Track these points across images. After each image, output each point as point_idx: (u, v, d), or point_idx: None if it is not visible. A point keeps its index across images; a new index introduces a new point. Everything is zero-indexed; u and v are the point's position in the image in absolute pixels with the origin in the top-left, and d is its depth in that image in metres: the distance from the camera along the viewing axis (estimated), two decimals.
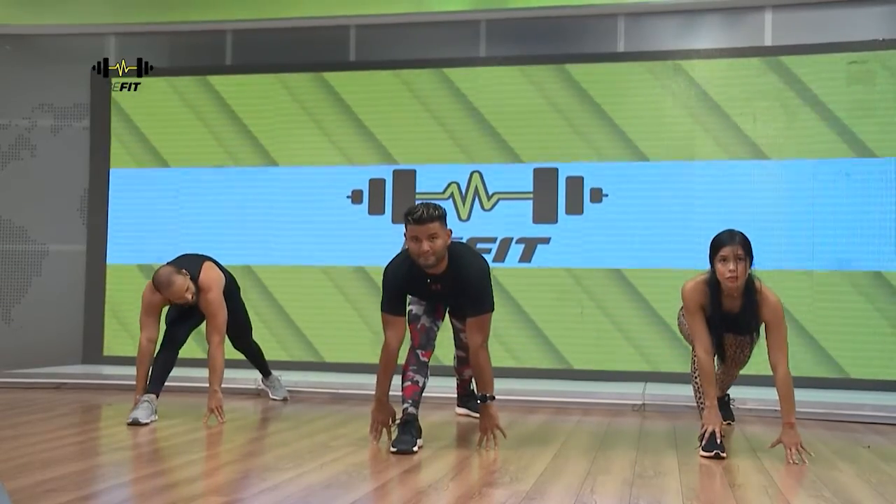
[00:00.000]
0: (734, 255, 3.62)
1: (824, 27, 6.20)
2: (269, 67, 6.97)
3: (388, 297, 3.84)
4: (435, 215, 3.62)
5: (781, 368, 3.63)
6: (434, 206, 3.66)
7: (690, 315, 3.82)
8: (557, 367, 6.32)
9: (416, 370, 3.86)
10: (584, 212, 6.40)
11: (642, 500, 2.85)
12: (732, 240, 3.65)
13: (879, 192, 5.97)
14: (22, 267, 7.21)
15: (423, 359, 3.90)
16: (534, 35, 6.69)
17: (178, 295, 4.39)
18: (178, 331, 4.60)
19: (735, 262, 3.61)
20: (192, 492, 2.86)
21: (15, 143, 7.26)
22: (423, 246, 3.62)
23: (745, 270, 3.64)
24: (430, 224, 3.60)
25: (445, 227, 3.68)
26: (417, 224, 3.60)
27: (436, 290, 3.82)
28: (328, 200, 6.77)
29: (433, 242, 3.62)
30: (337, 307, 6.67)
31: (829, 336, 5.98)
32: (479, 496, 2.85)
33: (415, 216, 3.62)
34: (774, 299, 3.70)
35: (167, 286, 4.36)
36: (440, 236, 3.64)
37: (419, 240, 3.62)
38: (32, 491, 2.77)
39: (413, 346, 3.92)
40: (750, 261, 3.65)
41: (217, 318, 4.50)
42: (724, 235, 3.70)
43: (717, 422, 3.69)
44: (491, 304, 3.80)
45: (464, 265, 3.75)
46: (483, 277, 3.79)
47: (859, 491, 3.04)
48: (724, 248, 3.64)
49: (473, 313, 3.78)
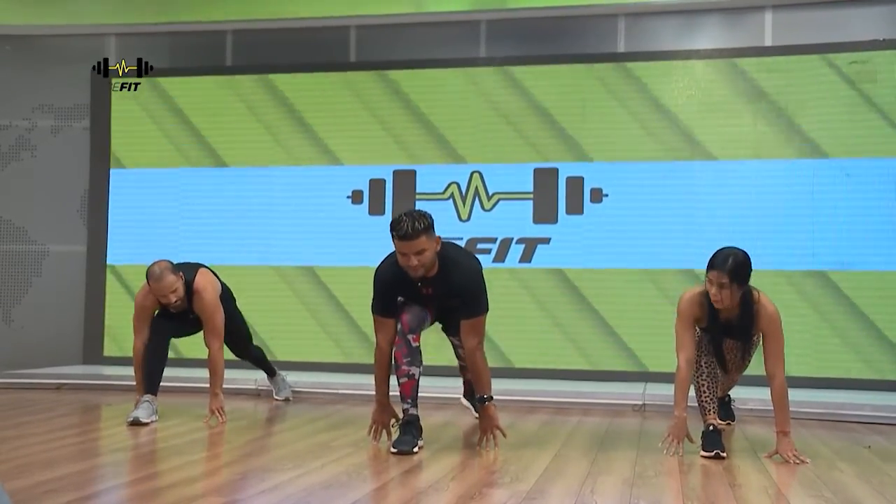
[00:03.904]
0: (718, 281, 3.59)
1: (824, 27, 6.20)
2: (270, 68, 6.96)
3: (378, 298, 3.78)
4: (420, 229, 3.49)
5: (778, 378, 3.62)
6: (419, 217, 3.53)
7: (681, 323, 3.79)
8: (557, 368, 6.32)
9: (410, 361, 3.75)
10: (584, 212, 6.40)
11: (643, 500, 2.85)
12: (721, 266, 3.58)
13: (880, 192, 5.97)
14: (22, 267, 7.21)
15: (415, 344, 3.76)
16: (534, 35, 6.69)
17: (165, 291, 4.34)
18: (164, 325, 4.51)
19: (718, 289, 3.59)
20: (192, 492, 2.86)
21: (15, 143, 7.26)
22: (411, 261, 3.54)
23: (732, 295, 3.60)
24: (415, 240, 3.50)
25: (433, 236, 3.58)
26: (403, 241, 3.51)
27: (427, 293, 3.76)
28: (328, 201, 6.77)
29: (421, 256, 3.53)
30: (337, 307, 6.66)
31: (829, 335, 5.97)
32: (480, 496, 2.85)
33: (400, 233, 3.50)
34: (772, 309, 3.68)
35: (157, 279, 4.34)
36: (428, 248, 3.54)
37: (406, 255, 3.54)
38: (33, 491, 2.77)
39: (403, 331, 3.76)
40: (740, 284, 3.59)
41: (214, 319, 4.48)
42: (717, 258, 3.63)
43: (680, 434, 3.68)
44: (485, 306, 3.74)
45: (455, 269, 3.67)
46: (476, 279, 3.71)
47: (859, 491, 3.04)
48: (711, 273, 3.61)
49: (467, 316, 3.71)
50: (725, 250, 3.66)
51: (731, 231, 6.07)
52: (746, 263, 3.62)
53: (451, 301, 3.78)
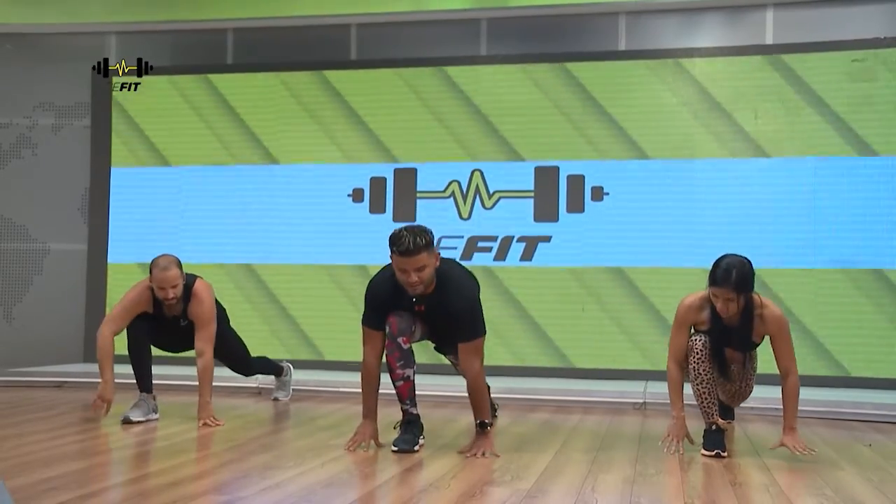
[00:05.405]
0: (724, 297, 3.54)
1: (826, 25, 6.20)
2: (270, 66, 6.97)
3: (369, 310, 3.72)
4: (421, 245, 3.43)
5: (793, 376, 3.60)
6: (420, 233, 3.46)
7: (676, 327, 3.77)
8: (558, 366, 6.32)
9: (403, 364, 3.69)
10: (585, 210, 6.39)
11: (644, 498, 2.85)
12: (725, 282, 3.51)
13: (881, 190, 5.96)
14: (23, 266, 7.21)
15: (406, 346, 3.67)
16: (535, 33, 6.69)
17: (167, 283, 4.28)
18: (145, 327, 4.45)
19: (725, 303, 3.55)
20: (194, 490, 2.86)
21: (16, 141, 7.26)
22: (410, 277, 3.48)
23: (738, 306, 3.56)
24: (416, 256, 3.43)
25: (433, 252, 3.52)
26: (403, 257, 3.45)
27: (419, 311, 3.69)
28: (329, 199, 6.77)
29: (421, 272, 3.47)
30: (338, 306, 6.66)
31: (830, 334, 5.97)
32: (481, 495, 2.85)
33: (400, 249, 3.43)
34: (778, 313, 3.64)
35: (163, 269, 4.29)
36: (428, 265, 3.49)
37: (406, 271, 3.48)
38: (34, 489, 2.77)
39: (392, 335, 3.66)
40: (746, 294, 3.55)
41: (209, 327, 4.41)
42: (719, 273, 3.54)
43: (680, 433, 3.68)
44: (482, 329, 3.66)
45: (451, 289, 3.60)
46: (472, 306, 3.63)
47: (860, 489, 3.04)
48: (716, 289, 3.55)
49: (464, 339, 3.63)
50: (725, 262, 3.57)
51: (732, 229, 6.09)
52: (749, 272, 3.56)
53: (444, 321, 3.69)
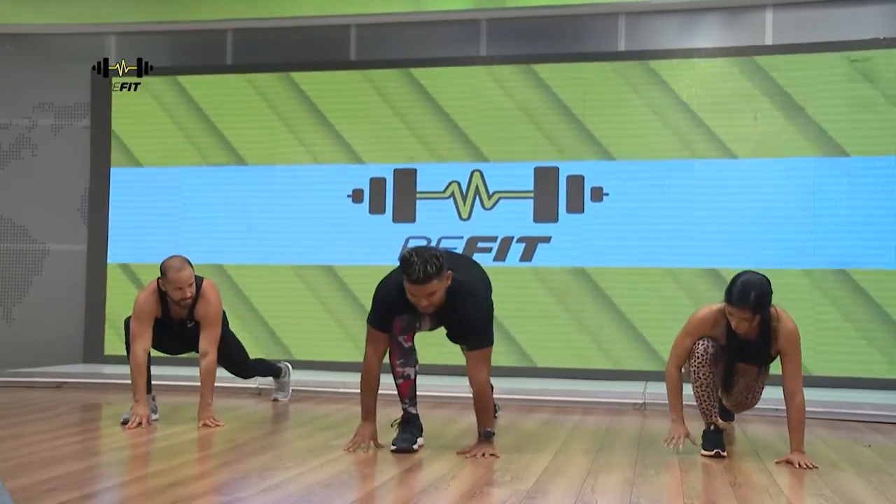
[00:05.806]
0: (740, 317, 3.48)
1: (825, 26, 6.20)
2: (270, 66, 6.96)
3: (376, 311, 3.72)
4: (433, 273, 3.41)
5: (798, 397, 3.54)
6: (431, 259, 3.43)
7: (683, 335, 3.73)
8: (558, 366, 6.31)
9: (404, 362, 3.71)
10: (584, 210, 6.40)
11: (643, 498, 2.85)
12: (742, 302, 3.44)
13: (880, 190, 5.96)
14: (23, 266, 7.21)
15: (407, 345, 3.70)
16: (534, 34, 6.69)
17: (184, 283, 4.24)
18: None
19: (739, 322, 3.49)
20: (193, 491, 2.86)
21: (16, 142, 7.26)
22: (421, 301, 3.50)
23: (757, 322, 3.51)
24: (427, 285, 3.44)
25: (444, 276, 3.49)
26: (415, 285, 3.45)
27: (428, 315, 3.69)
28: (329, 199, 6.77)
29: (431, 297, 3.49)
30: (338, 306, 6.66)
31: (829, 334, 5.97)
32: (480, 495, 2.85)
33: (412, 277, 3.43)
34: (792, 327, 3.58)
35: (178, 269, 4.23)
36: (438, 290, 3.49)
37: (417, 296, 3.49)
38: (33, 490, 2.77)
39: (394, 333, 3.69)
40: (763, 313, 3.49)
41: (216, 328, 4.39)
42: (736, 293, 3.46)
43: (682, 432, 3.68)
44: (490, 339, 3.67)
45: (462, 302, 3.60)
46: (483, 315, 3.65)
47: (860, 490, 3.04)
48: (733, 309, 3.48)
49: (472, 347, 3.66)
50: (743, 281, 3.49)
51: (731, 229, 6.09)
52: (768, 293, 3.49)
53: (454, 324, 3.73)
